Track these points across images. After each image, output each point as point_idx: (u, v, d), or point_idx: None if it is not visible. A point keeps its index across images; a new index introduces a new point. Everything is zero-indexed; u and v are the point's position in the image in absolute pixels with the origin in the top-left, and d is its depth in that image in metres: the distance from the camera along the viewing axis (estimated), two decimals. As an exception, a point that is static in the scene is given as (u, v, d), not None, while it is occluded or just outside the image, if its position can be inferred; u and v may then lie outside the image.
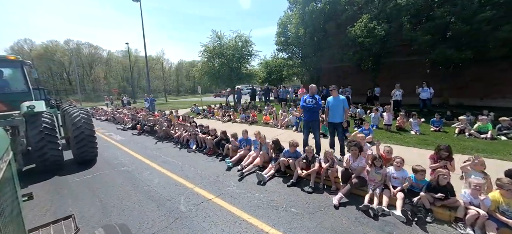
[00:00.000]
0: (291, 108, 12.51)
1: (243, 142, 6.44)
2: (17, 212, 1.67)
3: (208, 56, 16.92)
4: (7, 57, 6.28)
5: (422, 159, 4.94)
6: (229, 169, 5.71)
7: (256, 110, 12.36)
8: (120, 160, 6.82)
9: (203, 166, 6.02)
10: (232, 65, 17.09)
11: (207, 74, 17.16)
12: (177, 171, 5.71)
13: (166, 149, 7.81)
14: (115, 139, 9.95)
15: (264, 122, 10.79)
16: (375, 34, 11.08)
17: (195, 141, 7.71)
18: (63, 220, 2.48)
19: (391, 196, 3.88)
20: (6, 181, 1.47)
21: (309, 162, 4.84)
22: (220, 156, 6.59)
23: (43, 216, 3.89)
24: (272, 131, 9.41)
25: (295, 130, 9.11)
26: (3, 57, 6.20)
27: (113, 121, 15.34)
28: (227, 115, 12.29)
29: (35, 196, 2.88)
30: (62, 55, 56.48)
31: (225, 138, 6.87)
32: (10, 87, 6.31)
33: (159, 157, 6.91)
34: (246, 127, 10.52)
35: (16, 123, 5.05)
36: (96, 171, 5.94)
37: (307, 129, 5.91)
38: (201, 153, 7.18)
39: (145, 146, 8.42)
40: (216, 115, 13.50)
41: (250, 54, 16.92)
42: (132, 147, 8.28)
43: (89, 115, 6.61)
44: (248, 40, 16.58)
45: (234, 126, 10.96)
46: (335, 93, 5.74)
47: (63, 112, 7.18)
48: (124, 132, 11.48)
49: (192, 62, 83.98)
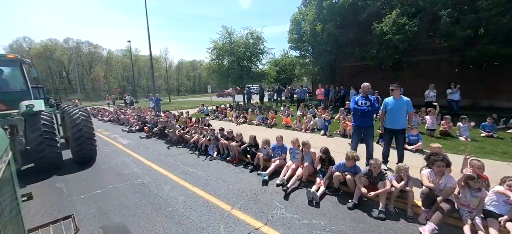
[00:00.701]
0: (311, 110, 11.59)
1: (277, 149, 5.48)
2: (17, 212, 1.66)
3: (217, 53, 15.96)
4: (6, 56, 6.14)
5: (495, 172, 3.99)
6: (266, 183, 4.76)
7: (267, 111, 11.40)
8: (132, 169, 5.85)
9: (232, 178, 5.06)
10: (242, 64, 16.14)
11: (216, 72, 16.19)
12: (203, 185, 4.75)
13: (182, 156, 6.84)
14: (122, 142, 8.97)
15: (284, 124, 9.82)
16: (406, 31, 10.14)
17: (215, 146, 6.76)
18: (63, 220, 2.43)
19: (501, 227, 2.96)
20: (5, 181, 1.47)
21: (374, 179, 3.90)
22: (249, 166, 5.63)
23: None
24: (297, 135, 8.45)
25: (323, 134, 8.16)
26: (2, 56, 6.06)
27: (117, 121, 14.36)
28: (242, 117, 11.33)
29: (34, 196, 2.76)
30: (61, 54, 55.51)
31: (254, 144, 5.91)
32: (9, 86, 6.21)
33: (177, 166, 5.94)
34: (264, 130, 9.60)
35: (15, 122, 4.96)
36: (105, 184, 4.97)
37: (357, 137, 4.96)
38: (224, 161, 6.22)
39: (157, 151, 7.45)
40: (229, 117, 12.53)
41: (262, 52, 15.99)
42: (143, 153, 7.31)
43: (88, 115, 6.48)
44: (260, 37, 15.64)
45: (250, 128, 10.00)
46: (397, 94, 4.78)
47: (62, 111, 7.04)
48: (130, 134, 10.50)
49: (193, 61, 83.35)
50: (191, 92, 73.47)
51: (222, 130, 6.85)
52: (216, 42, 15.81)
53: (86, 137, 6.12)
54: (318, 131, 8.65)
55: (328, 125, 8.19)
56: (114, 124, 14.32)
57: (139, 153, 7.31)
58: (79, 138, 6.03)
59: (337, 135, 8.09)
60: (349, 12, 13.37)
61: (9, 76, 6.33)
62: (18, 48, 50.50)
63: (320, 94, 13.30)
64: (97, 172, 5.79)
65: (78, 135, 6.02)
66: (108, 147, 8.41)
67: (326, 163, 4.56)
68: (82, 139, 6.06)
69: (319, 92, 13.35)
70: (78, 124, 6.04)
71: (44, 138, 5.33)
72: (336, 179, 4.22)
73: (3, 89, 6.01)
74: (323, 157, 4.53)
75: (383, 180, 3.80)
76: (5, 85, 6.18)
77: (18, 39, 51.94)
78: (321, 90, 13.32)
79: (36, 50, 52.83)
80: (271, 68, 17.44)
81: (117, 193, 4.52)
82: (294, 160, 5.17)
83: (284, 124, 9.81)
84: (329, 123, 8.22)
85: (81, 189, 4.78)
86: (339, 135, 8.05)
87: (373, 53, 11.68)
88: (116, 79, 65.20)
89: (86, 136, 6.12)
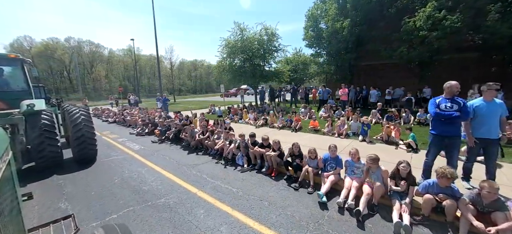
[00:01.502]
0: (337, 112, 10.60)
1: (330, 161, 4.50)
2: (17, 211, 1.64)
3: (229, 52, 14.96)
4: (8, 55, 6.12)
5: None
6: (324, 206, 3.78)
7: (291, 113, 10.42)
8: (151, 184, 4.87)
9: (278, 199, 4.08)
10: (256, 62, 15.15)
11: (228, 71, 15.19)
12: (246, 208, 3.77)
13: (206, 166, 5.86)
14: (132, 148, 7.99)
15: (312, 128, 8.83)
16: (445, 26, 9.14)
17: (244, 155, 5.78)
18: (63, 220, 2.42)
19: None
20: (5, 181, 1.46)
21: (484, 207, 2.92)
22: (294, 183, 4.65)
23: None
24: (331, 141, 7.47)
25: (362, 140, 7.17)
26: (3, 55, 6.05)
27: (123, 123, 13.38)
28: (262, 119, 10.34)
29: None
30: (62, 53, 54.62)
31: (298, 154, 4.93)
32: (10, 86, 6.18)
33: (204, 180, 4.96)
34: (289, 134, 8.62)
35: (15, 121, 5.01)
36: (121, 205, 3.99)
37: (437, 148, 3.96)
38: (259, 173, 5.24)
39: (175, 160, 6.47)
40: (245, 119, 11.55)
41: (277, 49, 15.01)
42: (159, 162, 6.33)
43: (89, 115, 6.45)
44: (275, 33, 14.66)
45: (273, 132, 9.02)
46: (489, 96, 3.77)
47: (63, 111, 7.04)
48: (140, 138, 9.52)
49: (194, 61, 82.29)
50: (192, 92, 72.53)
51: (253, 136, 5.86)
52: (228, 39, 14.83)
53: (86, 136, 6.07)
54: (355, 136, 7.66)
55: (368, 130, 7.20)
56: (119, 125, 13.35)
57: (155, 162, 6.32)
58: (79, 138, 5.98)
59: (378, 141, 7.10)
60: (375, 7, 12.37)
61: (10, 76, 6.28)
62: (19, 47, 49.66)
63: (344, 94, 12.30)
64: (109, 186, 4.81)
65: (79, 135, 5.97)
66: (117, 153, 7.44)
67: (398, 180, 3.59)
68: (83, 138, 6.01)
69: (342, 93, 12.34)
70: (78, 124, 5.99)
71: (45, 137, 5.32)
72: (426, 204, 3.24)
73: (4, 89, 5.99)
74: (399, 170, 3.55)
75: (502, 211, 2.81)
76: (6, 85, 6.13)
77: (19, 38, 51.08)
78: (344, 91, 12.31)
79: (37, 49, 52.01)
80: (285, 67, 16.45)
81: (137, 220, 3.54)
82: (352, 175, 4.20)
83: (312, 127, 8.81)
84: (368, 128, 7.24)
85: (92, 212, 3.80)
86: (381, 141, 7.05)
87: (403, 52, 10.68)
88: (117, 78, 64.44)
89: (86, 135, 6.07)
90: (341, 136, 7.75)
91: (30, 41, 53.24)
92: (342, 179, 4.40)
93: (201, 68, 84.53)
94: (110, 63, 64.87)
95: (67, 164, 6.15)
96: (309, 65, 19.22)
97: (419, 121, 8.68)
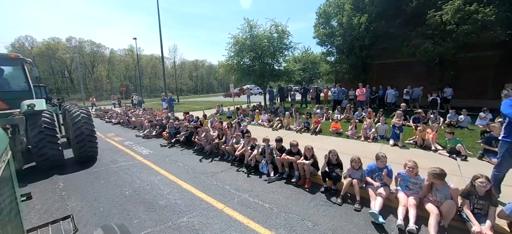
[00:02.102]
0: (357, 113, 9.96)
1: (378, 172, 3.86)
2: (16, 212, 1.63)
3: (237, 50, 14.32)
4: (8, 55, 6.13)
5: None
6: (381, 228, 3.14)
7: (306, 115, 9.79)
8: (168, 197, 4.23)
9: (323, 217, 3.45)
10: (265, 60, 14.51)
11: (236, 70, 14.54)
12: (288, 231, 3.13)
13: (226, 175, 5.23)
14: (141, 152, 7.36)
15: (334, 131, 8.17)
16: (476, 20, 8.45)
17: (269, 162, 5.15)
18: (62, 220, 2.40)
19: None
20: (4, 181, 1.45)
21: None
22: (333, 196, 4.02)
23: None
24: (358, 145, 6.85)
25: (393, 145, 6.53)
26: (4, 55, 6.06)
27: (127, 124, 12.77)
28: (277, 121, 9.69)
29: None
30: (64, 53, 54.18)
31: (336, 163, 4.29)
32: (11, 86, 6.15)
33: (228, 193, 4.33)
34: (309, 137, 7.98)
35: (16, 122, 5.04)
36: (136, 226, 3.36)
37: (511, 159, 3.31)
38: (286, 182, 4.62)
39: (190, 167, 5.84)
40: (257, 120, 10.92)
41: (287, 48, 14.35)
42: (172, 169, 5.70)
43: (89, 115, 6.45)
44: (285, 30, 14.01)
45: (292, 135, 8.38)
46: None
47: (64, 111, 7.10)
48: (147, 141, 8.89)
49: (195, 61, 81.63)
50: (193, 93, 71.96)
51: (280, 141, 5.22)
52: (236, 37, 14.18)
53: (86, 136, 6.08)
54: (383, 140, 7.01)
55: (400, 133, 6.55)
56: (124, 127, 12.73)
57: (168, 169, 5.70)
58: (79, 136, 6.00)
59: (411, 146, 6.45)
60: (394, 1, 11.67)
61: (10, 76, 6.24)
62: (20, 47, 49.28)
63: (361, 94, 11.63)
64: (119, 199, 4.18)
65: (79, 134, 5.99)
66: (124, 158, 6.81)
67: (475, 199, 2.95)
68: (83, 137, 6.02)
69: (359, 93, 11.68)
70: (78, 123, 6.00)
71: (45, 138, 5.31)
72: (522, 233, 2.59)
73: (4, 89, 5.93)
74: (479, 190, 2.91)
75: None
76: (6, 85, 6.08)
77: (20, 38, 50.62)
78: (362, 91, 11.65)
79: (38, 49, 51.61)
80: (295, 65, 15.79)
81: (159, 246, 2.91)
82: (407, 191, 3.57)
83: (334, 130, 8.16)
84: (401, 131, 6.59)
85: None
86: (415, 146, 6.40)
87: (428, 48, 9.99)
88: (119, 79, 64.06)
89: (86, 133, 6.08)
90: (368, 140, 7.11)
91: (31, 41, 52.84)
92: (392, 192, 3.78)
93: (202, 68, 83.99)
94: (111, 63, 64.44)
95: (70, 168, 5.94)
96: (318, 64, 18.52)
97: (450, 123, 8.02)
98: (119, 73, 65.36)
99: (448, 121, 8.18)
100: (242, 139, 6.18)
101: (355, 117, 9.77)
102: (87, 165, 6.14)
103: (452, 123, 8.02)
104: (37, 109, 5.31)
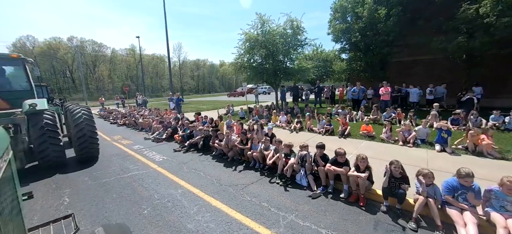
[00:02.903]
0: (386, 114, 9.18)
1: (461, 190, 3.11)
2: (17, 211, 1.64)
3: (248, 47, 13.54)
4: (10, 55, 6.21)
5: None
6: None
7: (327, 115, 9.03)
8: (195, 218, 3.49)
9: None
10: (278, 58, 13.74)
11: (247, 68, 13.75)
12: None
13: (258, 187, 4.48)
14: (153, 158, 6.62)
15: (365, 133, 7.40)
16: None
17: (309, 173, 4.40)
18: (63, 219, 2.41)
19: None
20: (6, 180, 1.45)
21: None
22: (400, 217, 3.27)
23: None
24: (399, 151, 6.09)
25: (441, 150, 5.75)
26: (5, 56, 6.15)
27: (134, 126, 12.04)
28: (296, 122, 8.93)
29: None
30: (65, 53, 53.62)
31: (400, 177, 3.53)
32: (12, 85, 6.16)
33: (269, 212, 3.59)
34: (337, 140, 7.25)
35: (18, 121, 5.11)
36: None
37: None
38: (332, 197, 3.88)
39: (212, 176, 5.10)
40: (274, 121, 10.16)
41: (302, 44, 13.56)
42: (193, 180, 4.96)
43: (90, 115, 6.48)
44: (300, 26, 13.22)
45: (315, 138, 7.62)
46: None
47: (66, 110, 7.19)
48: (158, 145, 8.16)
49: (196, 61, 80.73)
50: (195, 92, 71.19)
51: (322, 147, 4.47)
52: (248, 33, 13.39)
53: (88, 135, 6.13)
54: (425, 145, 6.24)
55: (448, 137, 5.78)
56: (130, 128, 12.00)
57: (188, 180, 4.96)
58: (81, 137, 6.04)
59: (462, 152, 5.68)
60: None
61: (12, 76, 6.25)
62: (22, 47, 48.76)
63: (386, 94, 10.85)
64: (137, 222, 3.45)
65: (80, 134, 6.04)
66: (136, 166, 6.08)
67: None
68: (84, 137, 6.07)
69: (384, 92, 10.89)
70: (80, 123, 6.05)
71: (47, 137, 5.36)
72: None
73: (6, 88, 5.94)
74: None
75: None
76: (8, 84, 6.09)
77: (22, 38, 50.09)
78: (387, 89, 10.86)
79: (39, 49, 51.10)
80: (307, 63, 14.96)
81: None
82: (503, 212, 2.82)
83: (364, 133, 7.40)
84: (449, 134, 5.81)
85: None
86: (466, 152, 5.63)
87: (461, 42, 9.17)
88: (120, 78, 63.53)
89: (88, 135, 6.13)
90: (408, 144, 6.35)
91: (32, 41, 52.32)
92: (481, 215, 3.03)
93: (203, 68, 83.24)
94: (113, 63, 63.85)
95: (75, 174, 5.60)
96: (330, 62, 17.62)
97: (495, 125, 7.24)
98: (120, 73, 64.80)
99: (491, 122, 7.39)
100: (271, 145, 5.43)
101: (383, 117, 9.01)
102: (95, 171, 5.57)
103: (497, 125, 7.24)
104: (39, 109, 5.31)
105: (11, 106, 5.57)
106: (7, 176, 1.46)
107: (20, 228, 1.65)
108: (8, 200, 1.43)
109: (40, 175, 5.36)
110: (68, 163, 6.19)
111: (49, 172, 5.49)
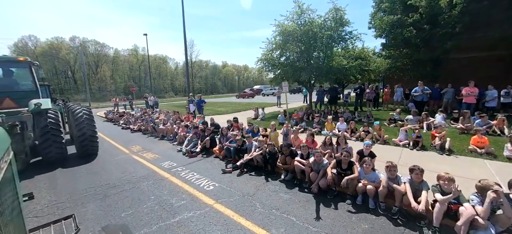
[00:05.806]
0: (480, 121, 7.25)
1: None
2: (18, 212, 1.62)
3: (281, 41, 11.68)
4: (17, 58, 6.65)
5: None
6: None
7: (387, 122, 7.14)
8: None
9: None
10: (314, 54, 11.88)
11: (282, 65, 11.86)
12: None
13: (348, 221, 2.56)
14: (201, 186, 4.67)
15: (474, 149, 5.46)
16: None
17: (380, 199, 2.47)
18: (64, 220, 2.39)
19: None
20: (6, 181, 1.43)
21: None
22: None
23: None
24: None
25: None
26: (13, 59, 6.79)
27: (152, 132, 10.07)
28: (363, 131, 6.98)
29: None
30: (67, 53, 52.03)
31: None
32: (20, 86, 6.51)
33: None
34: (440, 158, 5.33)
35: (24, 119, 5.35)
36: None
37: None
38: None
39: (318, 228, 3.18)
40: (330, 129, 8.22)
41: (347, 38, 11.69)
42: None
43: (91, 115, 6.86)
44: (344, 18, 11.37)
45: (395, 151, 5.70)
46: None
47: (68, 110, 7.60)
48: (194, 161, 6.23)
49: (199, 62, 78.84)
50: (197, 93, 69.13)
51: (413, 169, 2.54)
52: (283, 24, 11.54)
53: (88, 134, 6.55)
54: None
55: None
56: (148, 135, 10.03)
57: (281, 234, 3.04)
58: (81, 136, 6.49)
59: None
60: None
61: (19, 77, 6.59)
62: (23, 47, 47.25)
63: (471, 95, 8.74)
64: None
65: (81, 133, 6.48)
66: (181, 200, 4.14)
67: None
68: (85, 136, 6.51)
69: (469, 92, 8.69)
70: (81, 123, 6.49)
71: (50, 134, 5.78)
72: None
73: (14, 89, 6.32)
74: None
75: None
76: (16, 85, 6.48)
77: (24, 37, 48.54)
78: (473, 90, 8.69)
79: (41, 49, 49.53)
80: (348, 61, 13.01)
81: None
82: None
83: (475, 148, 5.45)
84: None
85: None
86: None
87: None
88: (122, 79, 61.93)
89: (88, 133, 6.56)
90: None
91: (34, 41, 50.73)
92: None
93: (206, 69, 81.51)
94: (115, 63, 62.23)
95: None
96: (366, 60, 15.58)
97: None
98: (122, 74, 63.15)
99: None
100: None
101: (476, 125, 7.08)
102: (125, 211, 3.60)
103: None
104: (43, 108, 5.65)
105: (19, 105, 5.82)
106: (7, 177, 1.43)
107: (20, 229, 1.63)
108: (8, 201, 1.40)
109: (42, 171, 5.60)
110: (69, 158, 6.62)
111: (51, 167, 5.85)
